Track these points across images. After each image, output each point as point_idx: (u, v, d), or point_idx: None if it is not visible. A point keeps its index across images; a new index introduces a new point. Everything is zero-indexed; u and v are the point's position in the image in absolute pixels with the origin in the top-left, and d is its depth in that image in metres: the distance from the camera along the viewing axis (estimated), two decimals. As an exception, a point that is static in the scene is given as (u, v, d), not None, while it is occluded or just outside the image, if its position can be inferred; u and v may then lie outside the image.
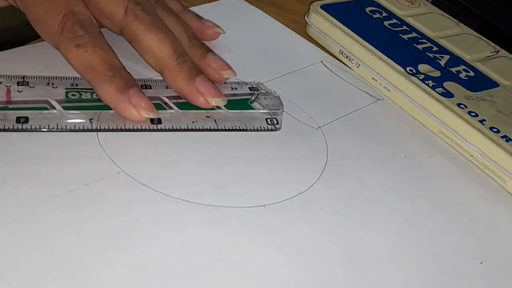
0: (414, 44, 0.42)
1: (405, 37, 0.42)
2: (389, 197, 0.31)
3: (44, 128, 0.28)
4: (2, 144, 0.27)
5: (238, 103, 0.33)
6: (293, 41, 0.42)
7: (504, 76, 0.41)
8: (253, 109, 0.33)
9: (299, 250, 0.27)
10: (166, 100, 0.32)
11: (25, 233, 0.24)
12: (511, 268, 0.29)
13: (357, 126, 0.35)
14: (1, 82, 0.30)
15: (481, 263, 0.29)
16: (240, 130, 0.32)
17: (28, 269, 0.22)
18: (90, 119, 0.29)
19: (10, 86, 0.30)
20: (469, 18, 0.48)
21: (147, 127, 0.30)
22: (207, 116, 0.32)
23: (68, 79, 0.31)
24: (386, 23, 0.44)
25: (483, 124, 0.35)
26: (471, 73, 0.40)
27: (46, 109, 0.29)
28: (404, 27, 0.44)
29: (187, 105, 0.32)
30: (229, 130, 0.32)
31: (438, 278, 0.27)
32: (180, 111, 0.31)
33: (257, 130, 0.32)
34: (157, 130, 0.30)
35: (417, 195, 0.32)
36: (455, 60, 0.41)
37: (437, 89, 0.37)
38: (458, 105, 0.36)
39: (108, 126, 0.29)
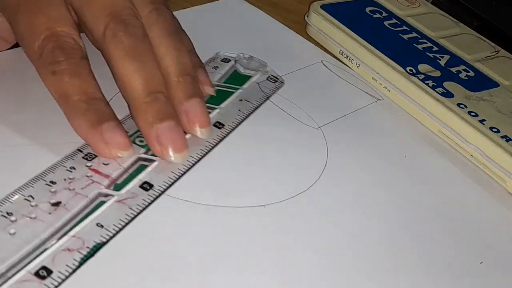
0: (414, 44, 0.42)
1: (405, 37, 0.42)
2: (389, 197, 0.31)
3: None
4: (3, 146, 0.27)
5: (231, 80, 0.34)
6: (293, 41, 0.42)
7: (504, 76, 0.41)
8: (246, 80, 0.34)
9: (299, 250, 0.27)
10: None
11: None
12: (511, 268, 0.29)
13: (357, 126, 0.35)
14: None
15: (481, 263, 0.29)
16: (250, 113, 0.32)
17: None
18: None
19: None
20: (469, 18, 0.48)
21: None
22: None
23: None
24: (386, 23, 0.44)
25: (483, 124, 0.35)
26: (471, 73, 0.40)
27: None
28: (404, 27, 0.44)
29: None
30: (240, 122, 0.32)
31: (438, 278, 0.27)
32: None
33: (267, 97, 0.33)
34: None
35: (417, 195, 0.32)
36: (455, 60, 0.41)
37: (437, 89, 0.37)
38: (458, 105, 0.36)
39: None
